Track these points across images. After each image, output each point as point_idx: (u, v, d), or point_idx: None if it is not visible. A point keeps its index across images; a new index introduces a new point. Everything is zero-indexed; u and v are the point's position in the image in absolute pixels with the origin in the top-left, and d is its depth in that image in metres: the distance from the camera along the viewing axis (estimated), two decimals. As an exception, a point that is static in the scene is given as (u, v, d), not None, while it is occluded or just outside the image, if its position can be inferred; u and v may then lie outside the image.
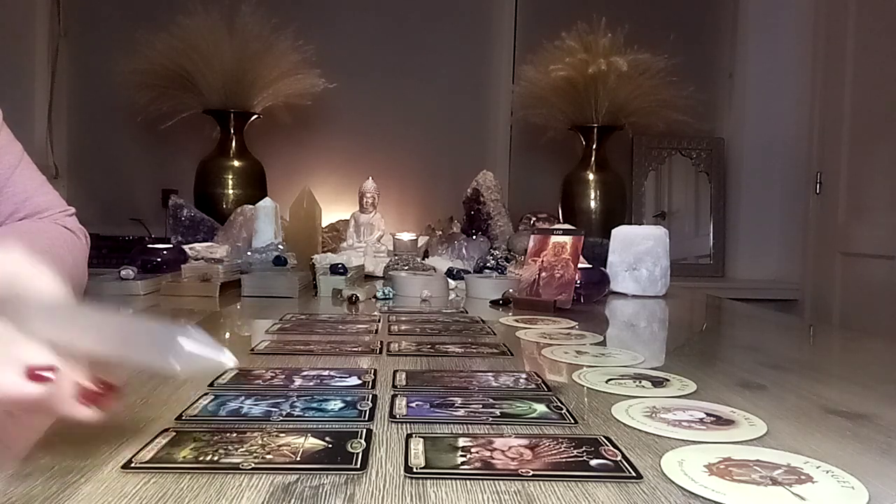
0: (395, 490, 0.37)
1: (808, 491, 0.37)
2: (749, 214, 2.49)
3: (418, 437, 0.45)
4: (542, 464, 0.41)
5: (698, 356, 0.86)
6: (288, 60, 2.11)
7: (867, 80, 2.12)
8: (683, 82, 2.16)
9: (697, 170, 2.53)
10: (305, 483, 0.37)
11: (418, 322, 0.96)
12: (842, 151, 2.21)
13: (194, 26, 2.04)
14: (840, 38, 2.22)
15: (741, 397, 0.58)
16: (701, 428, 0.49)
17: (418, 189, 2.46)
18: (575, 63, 2.12)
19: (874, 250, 2.05)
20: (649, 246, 1.36)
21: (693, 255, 2.50)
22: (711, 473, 0.39)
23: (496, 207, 1.90)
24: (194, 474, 0.38)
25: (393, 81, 2.46)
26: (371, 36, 2.45)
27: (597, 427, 0.49)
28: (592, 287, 1.25)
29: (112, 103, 2.32)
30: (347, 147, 2.44)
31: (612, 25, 2.14)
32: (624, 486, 0.38)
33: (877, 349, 0.95)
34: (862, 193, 2.14)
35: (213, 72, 2.06)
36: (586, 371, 0.66)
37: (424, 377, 0.63)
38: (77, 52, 2.39)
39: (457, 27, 2.51)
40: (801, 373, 0.74)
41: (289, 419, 0.49)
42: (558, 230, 1.24)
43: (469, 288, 1.31)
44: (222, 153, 2.16)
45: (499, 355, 0.75)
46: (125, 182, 2.43)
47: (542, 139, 2.33)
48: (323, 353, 0.73)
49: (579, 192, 2.27)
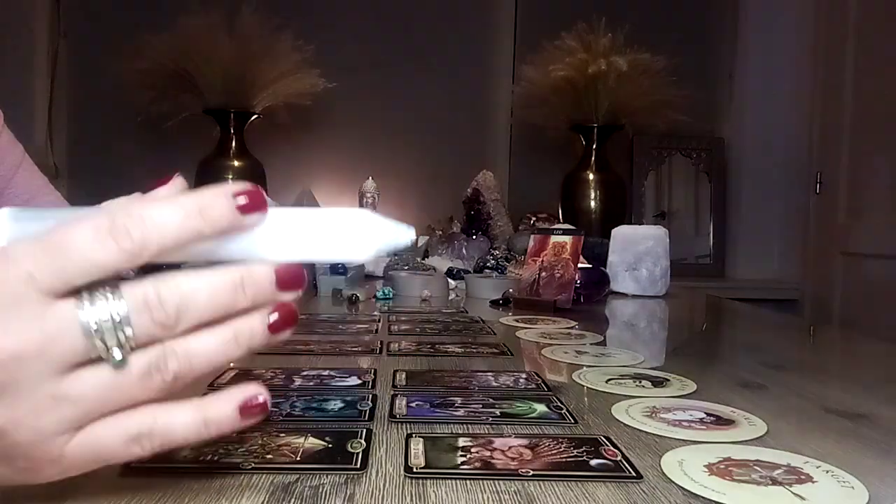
0: (395, 490, 0.37)
1: (808, 491, 0.37)
2: (749, 214, 2.49)
3: (418, 437, 0.45)
4: (542, 464, 0.41)
5: (698, 356, 0.86)
6: (288, 60, 2.11)
7: (867, 81, 2.12)
8: (683, 82, 2.16)
9: (697, 170, 2.53)
10: (305, 483, 0.37)
11: (418, 322, 0.96)
12: (842, 151, 2.21)
13: (194, 26, 2.04)
14: (840, 39, 2.22)
15: (741, 397, 0.58)
16: (701, 428, 0.49)
17: (418, 189, 2.46)
18: (575, 63, 2.12)
19: (874, 250, 2.05)
20: (649, 246, 1.36)
21: (693, 255, 2.50)
22: (711, 473, 0.39)
23: (496, 207, 1.90)
24: (194, 474, 0.38)
25: (393, 81, 2.46)
26: (371, 36, 2.45)
27: (597, 427, 0.49)
28: (592, 287, 1.25)
29: (112, 103, 2.31)
30: (347, 147, 2.44)
31: (612, 25, 2.14)
32: (624, 486, 0.38)
33: (877, 349, 0.95)
34: (862, 193, 2.14)
35: (213, 72, 2.06)
36: (586, 371, 0.66)
37: (424, 377, 0.63)
38: (77, 52, 2.39)
39: (457, 27, 2.51)
40: (801, 373, 0.74)
41: (289, 419, 0.49)
42: (558, 230, 1.24)
43: (469, 288, 1.31)
44: (222, 153, 2.16)
45: (499, 355, 0.75)
46: (125, 182, 2.39)
47: (542, 139, 2.33)
48: (323, 353, 0.73)
49: (579, 192, 2.27)
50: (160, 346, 0.29)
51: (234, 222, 0.29)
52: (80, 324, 0.27)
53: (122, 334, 0.28)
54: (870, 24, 2.12)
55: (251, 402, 0.31)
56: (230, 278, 0.30)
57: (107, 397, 0.28)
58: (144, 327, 0.28)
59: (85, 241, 0.27)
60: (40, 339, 0.27)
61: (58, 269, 0.27)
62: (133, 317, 0.28)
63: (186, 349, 0.29)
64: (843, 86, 2.20)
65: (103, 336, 0.28)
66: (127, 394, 0.29)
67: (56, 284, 0.27)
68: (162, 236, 0.28)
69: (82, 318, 0.27)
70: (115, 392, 0.28)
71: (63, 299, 0.27)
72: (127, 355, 0.28)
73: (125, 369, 0.28)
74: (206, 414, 0.30)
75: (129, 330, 0.28)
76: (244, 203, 0.29)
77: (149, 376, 0.29)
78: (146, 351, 0.29)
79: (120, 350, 0.28)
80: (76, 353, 0.28)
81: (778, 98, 2.45)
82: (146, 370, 0.29)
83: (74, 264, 0.27)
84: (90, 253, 0.27)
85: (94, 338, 0.27)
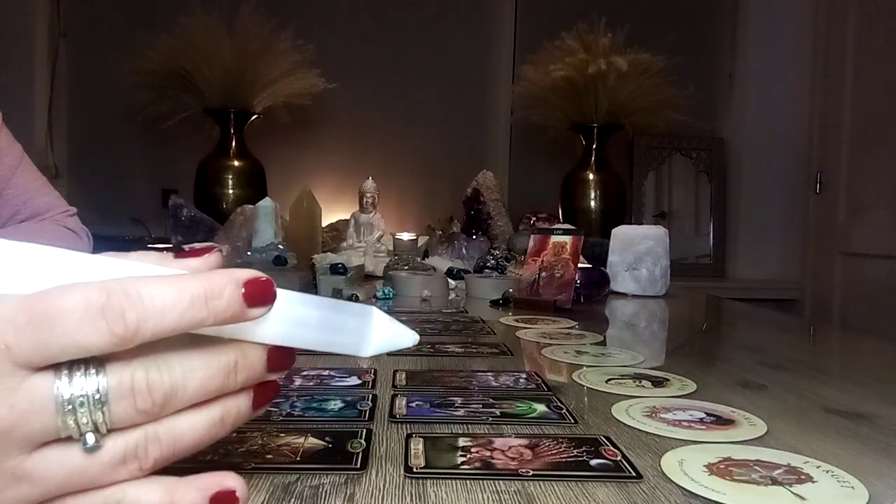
0: (395, 490, 0.37)
1: (808, 491, 0.37)
2: (749, 214, 2.49)
3: (418, 437, 0.45)
4: (542, 463, 0.41)
5: (698, 356, 0.86)
6: (288, 60, 2.11)
7: (867, 80, 2.12)
8: (683, 82, 2.16)
9: (697, 170, 2.53)
10: (305, 483, 0.37)
11: (418, 322, 0.96)
12: (842, 151, 2.21)
13: (194, 26, 2.04)
14: (840, 38, 2.22)
15: (741, 397, 0.58)
16: (701, 428, 0.49)
17: (418, 189, 2.46)
18: (575, 63, 2.12)
19: (874, 250, 2.05)
20: (649, 246, 1.36)
21: (693, 255, 2.50)
22: (711, 473, 0.39)
23: (496, 207, 1.90)
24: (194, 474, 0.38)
25: (393, 81, 2.46)
26: (371, 36, 2.45)
27: (597, 427, 0.49)
28: (592, 287, 1.25)
29: (112, 103, 2.32)
30: (347, 147, 2.44)
31: (612, 25, 2.14)
32: (624, 486, 0.38)
33: (877, 349, 0.95)
34: (862, 193, 2.14)
35: (213, 72, 2.06)
36: (586, 371, 0.66)
37: (424, 377, 0.63)
38: (77, 52, 2.39)
39: (457, 27, 2.51)
40: (801, 373, 0.74)
41: (289, 419, 0.49)
42: (558, 230, 1.24)
43: (469, 288, 1.31)
44: (222, 153, 2.17)
45: (499, 355, 0.75)
46: (125, 182, 2.43)
47: (542, 139, 2.33)
48: (323, 353, 0.73)
49: (579, 192, 2.27)
50: (141, 429, 0.26)
51: (238, 315, 0.27)
52: (53, 400, 0.25)
53: (100, 415, 0.25)
54: (870, 24, 2.12)
55: (224, 494, 0.28)
56: (224, 362, 0.28)
57: (73, 481, 0.26)
58: (125, 413, 0.26)
59: (73, 320, 0.24)
60: (9, 417, 0.24)
61: (40, 346, 0.24)
62: (114, 402, 0.25)
63: (171, 433, 0.27)
64: (843, 86, 2.20)
65: (76, 417, 0.25)
66: (96, 480, 0.26)
67: (35, 360, 0.25)
68: (159, 323, 0.26)
69: (56, 394, 0.25)
70: (82, 477, 0.26)
71: (40, 372, 0.25)
72: (101, 440, 0.26)
73: (97, 454, 0.26)
74: (173, 498, 0.27)
75: (108, 413, 0.25)
76: (253, 294, 0.27)
77: (123, 464, 0.26)
78: (124, 435, 0.26)
79: (94, 434, 0.25)
80: (46, 433, 0.25)
81: (778, 98, 2.45)
82: (121, 457, 0.26)
83: (58, 343, 0.25)
84: (77, 335, 0.24)
85: (68, 417, 0.25)
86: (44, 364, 0.25)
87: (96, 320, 0.25)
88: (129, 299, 0.25)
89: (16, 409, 0.24)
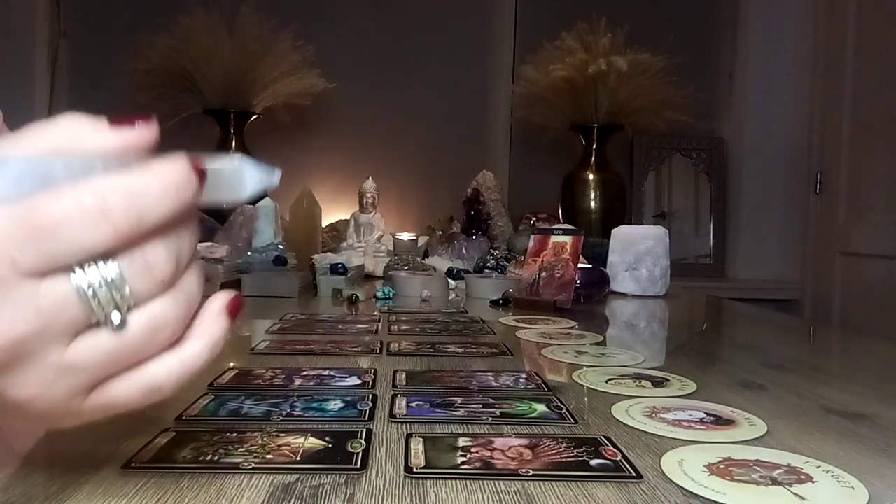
0: (395, 490, 0.37)
1: (808, 491, 0.37)
2: (749, 214, 2.49)
3: (418, 437, 0.45)
4: (542, 464, 0.41)
5: (698, 356, 0.86)
6: (288, 60, 2.11)
7: (867, 80, 2.12)
8: (683, 82, 2.16)
9: (697, 170, 2.53)
10: (305, 483, 0.37)
11: (418, 322, 0.96)
12: (842, 151, 2.21)
13: (194, 26, 2.04)
14: (840, 39, 2.22)
15: (741, 397, 0.58)
16: (701, 428, 0.49)
17: (418, 189, 2.46)
18: (575, 63, 2.12)
19: (874, 250, 2.05)
20: (649, 246, 1.36)
21: (693, 255, 2.50)
22: (711, 473, 0.39)
23: (496, 207, 1.90)
24: (194, 474, 0.38)
25: (393, 81, 2.46)
26: (371, 36, 2.45)
27: (597, 427, 0.49)
28: (592, 287, 1.25)
29: (112, 103, 2.31)
30: (347, 147, 2.44)
31: (612, 25, 2.14)
32: (624, 486, 0.38)
33: (877, 349, 0.95)
34: (862, 193, 2.14)
35: (213, 72, 2.06)
36: (586, 371, 0.66)
37: (424, 377, 0.63)
38: (77, 52, 2.39)
39: (457, 27, 2.51)
40: (801, 373, 0.74)
41: (289, 419, 0.49)
42: (558, 230, 1.24)
43: (469, 288, 1.31)
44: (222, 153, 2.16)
45: (499, 355, 0.75)
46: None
47: (542, 139, 2.33)
48: (323, 353, 0.73)
49: (579, 192, 2.26)
50: (159, 300, 0.28)
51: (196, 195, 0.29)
52: (76, 292, 0.26)
53: (121, 294, 0.27)
54: (870, 24, 2.12)
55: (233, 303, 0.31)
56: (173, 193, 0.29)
57: (113, 361, 0.28)
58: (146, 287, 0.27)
59: (75, 226, 0.25)
60: (38, 319, 0.26)
61: (46, 256, 0.25)
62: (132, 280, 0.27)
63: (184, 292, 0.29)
64: (843, 86, 2.20)
65: (99, 300, 0.26)
66: (134, 355, 0.28)
67: (44, 269, 0.26)
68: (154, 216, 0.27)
69: (77, 286, 0.26)
70: (120, 355, 0.28)
71: (53, 275, 0.26)
72: (126, 316, 0.27)
73: (126, 332, 0.27)
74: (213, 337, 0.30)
75: (129, 290, 0.27)
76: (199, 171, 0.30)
77: (153, 335, 0.28)
78: (146, 308, 0.28)
79: (118, 313, 0.27)
80: (76, 323, 0.27)
81: (778, 98, 2.45)
82: (151, 329, 0.28)
83: (64, 251, 0.25)
84: (84, 240, 0.25)
85: (93, 301, 0.26)
86: (54, 270, 0.26)
87: (100, 223, 0.26)
88: (125, 197, 0.26)
89: (43, 310, 0.26)
